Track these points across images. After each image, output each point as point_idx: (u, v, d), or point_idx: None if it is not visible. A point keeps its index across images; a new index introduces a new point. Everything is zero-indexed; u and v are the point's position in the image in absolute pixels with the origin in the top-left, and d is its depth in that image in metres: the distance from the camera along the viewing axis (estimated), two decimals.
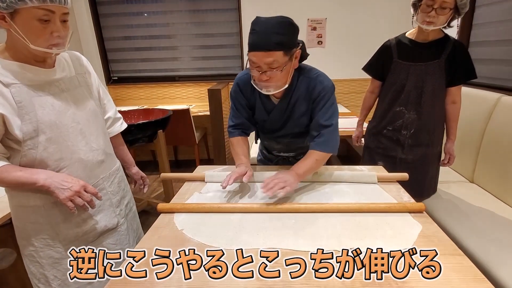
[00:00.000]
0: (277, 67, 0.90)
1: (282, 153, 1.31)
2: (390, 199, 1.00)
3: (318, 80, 1.03)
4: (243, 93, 1.11)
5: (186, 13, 3.09)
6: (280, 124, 1.15)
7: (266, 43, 0.87)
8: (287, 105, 1.08)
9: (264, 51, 0.88)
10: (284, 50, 0.89)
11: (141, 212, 2.31)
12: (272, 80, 0.94)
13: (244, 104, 1.13)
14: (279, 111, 1.10)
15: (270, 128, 1.19)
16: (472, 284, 0.64)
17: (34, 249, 0.93)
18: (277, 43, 0.87)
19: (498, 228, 1.38)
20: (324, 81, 1.03)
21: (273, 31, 0.87)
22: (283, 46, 0.88)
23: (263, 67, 0.91)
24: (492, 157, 1.69)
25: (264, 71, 0.92)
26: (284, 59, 0.90)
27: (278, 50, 0.88)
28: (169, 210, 0.95)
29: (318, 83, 1.02)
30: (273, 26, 0.88)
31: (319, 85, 1.02)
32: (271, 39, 0.87)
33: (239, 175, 1.00)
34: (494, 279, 1.12)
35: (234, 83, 1.13)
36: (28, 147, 0.82)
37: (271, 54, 0.88)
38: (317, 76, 1.04)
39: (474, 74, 1.40)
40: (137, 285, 0.66)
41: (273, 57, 0.88)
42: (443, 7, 1.26)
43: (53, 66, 0.89)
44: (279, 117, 1.12)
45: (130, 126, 1.81)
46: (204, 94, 3.23)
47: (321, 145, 1.03)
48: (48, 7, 0.75)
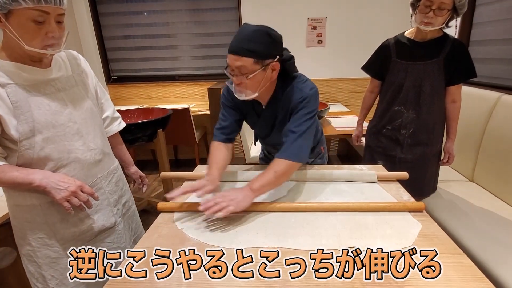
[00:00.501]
0: (245, 73, 0.92)
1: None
2: (390, 198, 1.00)
3: (299, 88, 1.01)
4: (232, 98, 1.09)
5: (186, 12, 3.08)
6: (267, 131, 1.16)
7: (238, 48, 0.90)
8: (272, 113, 1.09)
9: (235, 55, 0.91)
10: (254, 58, 0.90)
11: (141, 211, 2.31)
12: (242, 85, 0.95)
13: (232, 106, 1.12)
14: (265, 118, 1.12)
15: (260, 134, 1.21)
16: (471, 282, 0.64)
17: (31, 249, 0.93)
18: (248, 49, 0.89)
19: (498, 227, 1.38)
20: (303, 89, 1.01)
21: (247, 38, 0.90)
22: (253, 54, 0.90)
23: (234, 70, 0.94)
24: (492, 157, 1.69)
25: (236, 75, 0.94)
26: (253, 67, 0.91)
27: (247, 57, 0.90)
28: (169, 209, 0.95)
29: (298, 90, 1.01)
30: (248, 33, 0.90)
31: (298, 93, 1.01)
32: (243, 45, 0.90)
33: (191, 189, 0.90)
34: (494, 278, 1.12)
35: (224, 88, 1.13)
36: (25, 147, 0.82)
37: (240, 59, 0.90)
38: (299, 83, 1.02)
39: (474, 73, 1.40)
40: (137, 284, 0.66)
41: (242, 62, 0.90)
42: (441, 8, 1.26)
43: (50, 66, 0.89)
44: (265, 123, 1.14)
45: (130, 125, 1.81)
46: (204, 93, 3.23)
47: (281, 152, 0.97)
48: (43, 8, 0.74)
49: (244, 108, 1.13)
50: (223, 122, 1.12)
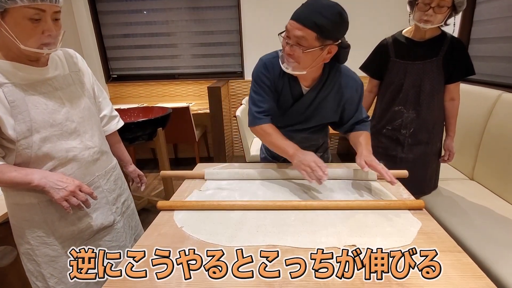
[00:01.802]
0: (304, 46, 0.87)
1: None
2: (389, 196, 1.00)
3: (351, 76, 1.03)
4: (270, 75, 1.03)
5: (186, 11, 3.07)
6: (304, 116, 1.10)
7: (305, 17, 0.84)
8: (315, 97, 1.04)
9: (300, 24, 0.85)
10: (318, 34, 0.85)
11: (141, 210, 2.32)
12: (294, 57, 0.91)
13: (271, 86, 1.04)
14: (306, 101, 1.05)
15: (291, 119, 1.11)
16: (471, 280, 0.64)
17: (30, 247, 0.93)
18: (315, 23, 0.84)
19: (498, 225, 1.38)
20: (356, 77, 1.05)
21: (318, 10, 0.84)
22: (319, 29, 0.84)
23: (291, 39, 0.88)
24: (492, 155, 1.69)
25: (292, 44, 0.89)
26: (314, 43, 0.87)
27: (312, 30, 0.85)
28: (169, 207, 0.95)
29: (351, 79, 1.03)
30: (321, 6, 0.85)
31: (353, 82, 1.03)
32: (311, 17, 0.84)
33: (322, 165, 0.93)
34: (493, 275, 1.12)
35: (259, 64, 1.04)
36: (23, 147, 0.82)
37: (303, 29, 0.85)
38: (348, 72, 1.05)
39: (472, 70, 1.39)
40: (136, 284, 0.66)
41: (304, 33, 0.85)
42: (440, 5, 1.25)
43: (46, 65, 0.89)
44: (305, 107, 1.07)
45: (130, 124, 1.81)
46: (204, 92, 3.22)
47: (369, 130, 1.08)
48: (39, 6, 0.74)
49: (281, 89, 1.05)
50: (263, 104, 1.04)
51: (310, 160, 0.91)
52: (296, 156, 0.97)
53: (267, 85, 1.03)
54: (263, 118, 1.04)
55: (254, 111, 1.04)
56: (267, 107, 1.03)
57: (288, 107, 1.08)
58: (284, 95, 1.06)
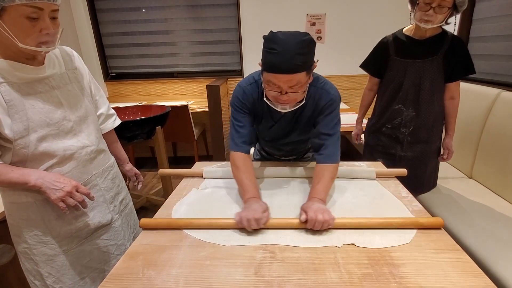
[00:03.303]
0: (299, 87, 0.87)
1: (283, 158, 1.31)
2: (388, 194, 1.00)
3: (325, 90, 1.00)
4: (248, 103, 1.03)
5: (184, 8, 3.06)
6: (285, 132, 1.12)
7: (290, 66, 0.82)
8: (294, 114, 1.05)
9: (287, 74, 0.83)
10: (306, 70, 0.85)
11: (140, 208, 2.31)
12: (291, 100, 0.90)
13: (248, 111, 1.04)
14: (286, 120, 1.07)
15: (275, 136, 1.15)
16: (469, 278, 0.64)
17: (27, 246, 0.93)
18: (301, 64, 0.83)
19: (496, 223, 1.38)
20: (330, 91, 1.01)
21: (296, 52, 0.82)
22: (305, 67, 0.84)
23: (284, 89, 0.86)
24: (491, 153, 1.69)
25: (286, 92, 0.87)
26: (306, 78, 0.87)
27: (301, 71, 0.84)
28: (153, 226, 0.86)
29: (325, 92, 1.00)
30: (295, 47, 0.82)
31: (326, 95, 1.00)
32: (295, 61, 0.82)
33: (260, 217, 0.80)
34: (492, 274, 1.13)
35: (238, 91, 1.04)
36: (19, 147, 0.81)
37: (294, 77, 0.83)
38: (323, 85, 1.01)
39: (472, 69, 1.39)
40: (134, 282, 0.66)
41: (297, 79, 0.84)
42: (441, 5, 1.24)
43: (43, 63, 0.88)
44: (285, 125, 1.09)
45: (129, 122, 1.80)
46: (202, 90, 3.21)
47: (327, 156, 0.99)
48: (36, 4, 0.73)
49: (259, 113, 1.07)
50: (242, 130, 1.03)
51: (251, 217, 0.80)
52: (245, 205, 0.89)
53: (245, 111, 1.04)
54: (241, 147, 1.02)
55: (235, 137, 1.04)
56: (246, 132, 1.03)
57: (270, 126, 1.10)
58: (265, 117, 1.08)
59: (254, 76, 1.04)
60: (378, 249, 0.73)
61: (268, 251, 0.73)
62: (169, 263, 0.70)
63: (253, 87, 1.03)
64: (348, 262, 0.69)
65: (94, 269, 1.03)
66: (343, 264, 0.68)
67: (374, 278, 0.64)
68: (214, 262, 0.70)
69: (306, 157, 1.32)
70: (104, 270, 1.05)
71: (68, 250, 0.96)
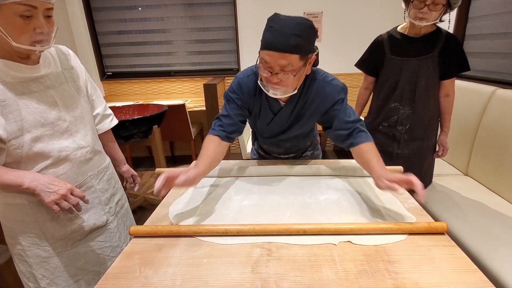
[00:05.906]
0: (291, 70, 0.85)
1: (282, 155, 1.30)
2: (384, 191, 1.00)
3: (327, 81, 1.00)
4: (243, 95, 1.02)
5: (181, 7, 3.05)
6: (284, 127, 1.10)
7: (284, 44, 0.80)
8: (294, 108, 1.04)
9: (280, 52, 0.81)
10: (300, 54, 0.83)
11: (138, 208, 2.31)
12: (282, 83, 0.88)
13: (241, 104, 1.03)
14: (285, 114, 1.06)
15: (273, 131, 1.13)
16: (464, 274, 0.65)
17: (21, 248, 0.92)
18: (295, 45, 0.81)
19: (491, 220, 1.40)
20: (333, 82, 1.00)
21: (292, 32, 0.80)
22: (300, 50, 0.82)
23: (275, 69, 0.85)
24: (487, 150, 1.71)
25: (276, 73, 0.85)
26: (299, 64, 0.85)
27: (294, 53, 0.82)
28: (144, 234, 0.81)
29: (328, 85, 1.00)
30: (293, 27, 0.81)
31: (332, 87, 0.99)
32: (290, 41, 0.80)
33: (174, 174, 0.79)
34: (486, 270, 1.14)
35: (234, 83, 1.03)
36: (13, 147, 0.81)
37: (286, 56, 0.82)
38: (324, 77, 1.01)
39: (467, 66, 1.40)
40: (131, 282, 0.65)
41: (288, 60, 0.82)
42: (435, 3, 1.25)
43: (38, 63, 0.87)
44: (285, 120, 1.07)
45: (125, 121, 1.80)
46: (200, 89, 3.21)
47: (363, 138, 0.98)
48: (30, 3, 0.73)
49: (255, 108, 1.05)
50: (226, 120, 1.01)
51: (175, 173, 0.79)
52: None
53: (236, 104, 1.02)
54: (216, 130, 1.01)
55: (215, 123, 1.03)
56: (228, 122, 1.01)
57: (269, 121, 1.09)
58: (263, 111, 1.07)
59: (253, 68, 1.02)
60: (374, 246, 0.74)
61: (265, 249, 0.73)
62: (166, 261, 0.70)
63: (251, 79, 1.02)
64: (344, 259, 0.69)
65: (89, 271, 1.02)
66: (339, 261, 0.69)
67: (370, 274, 0.65)
68: (211, 260, 0.70)
69: (304, 155, 1.32)
70: (99, 273, 1.04)
71: (63, 252, 0.95)
